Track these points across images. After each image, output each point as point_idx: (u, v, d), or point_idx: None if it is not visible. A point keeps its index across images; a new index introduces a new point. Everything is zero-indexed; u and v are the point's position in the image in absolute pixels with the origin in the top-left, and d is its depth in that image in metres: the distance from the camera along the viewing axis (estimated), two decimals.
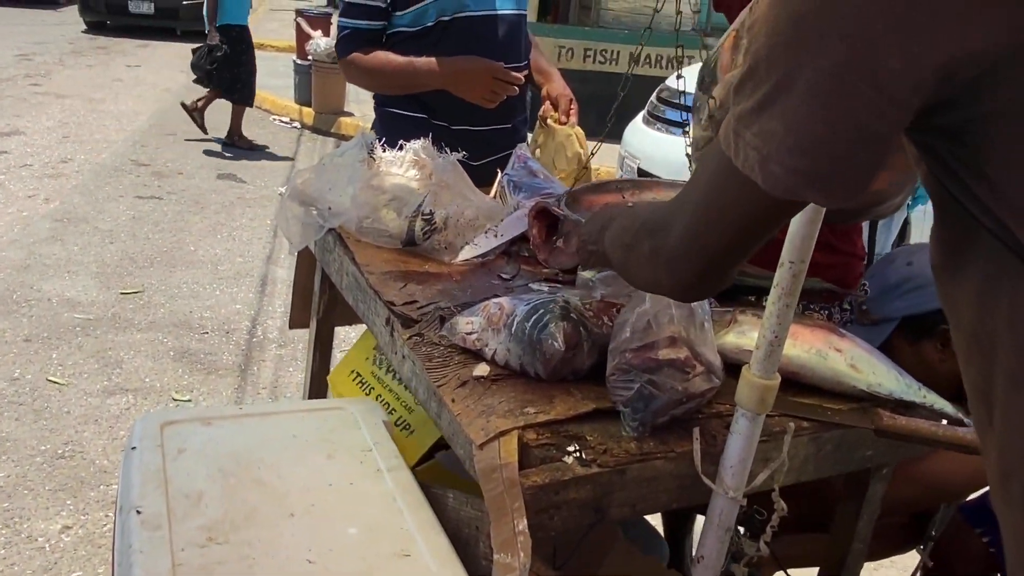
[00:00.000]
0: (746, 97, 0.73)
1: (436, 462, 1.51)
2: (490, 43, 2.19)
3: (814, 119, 0.68)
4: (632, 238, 0.95)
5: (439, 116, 2.21)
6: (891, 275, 1.54)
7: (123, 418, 3.16)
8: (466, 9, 2.16)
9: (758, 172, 0.72)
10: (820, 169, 0.70)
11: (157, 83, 9.43)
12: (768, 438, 1.18)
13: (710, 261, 0.85)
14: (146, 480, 1.26)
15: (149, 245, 4.89)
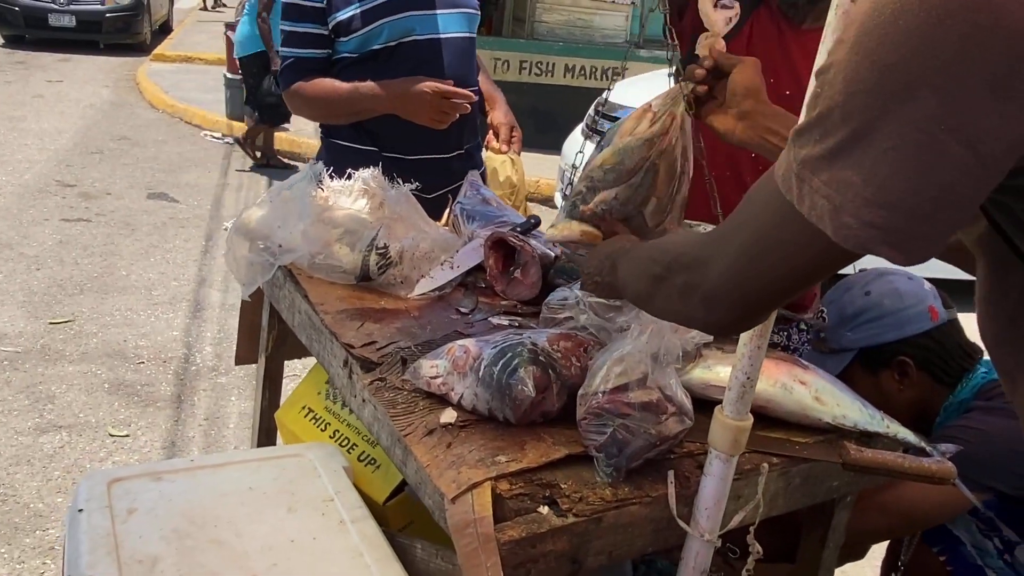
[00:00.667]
0: (814, 142, 0.69)
1: (406, 496, 1.47)
2: (438, 67, 2.14)
3: (896, 173, 0.65)
4: (663, 270, 0.92)
5: (389, 147, 2.16)
6: (848, 305, 1.55)
7: (57, 457, 3.02)
8: (412, 33, 2.12)
9: (828, 222, 0.68)
10: (898, 225, 0.66)
11: (81, 99, 9.11)
12: (739, 476, 1.18)
13: (751, 302, 0.82)
14: (95, 545, 1.19)
15: (78, 271, 4.71)
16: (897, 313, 1.53)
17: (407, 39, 2.11)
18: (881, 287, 1.56)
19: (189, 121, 8.64)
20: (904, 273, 1.59)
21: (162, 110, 9.02)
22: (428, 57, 2.14)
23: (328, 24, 2.08)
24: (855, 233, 0.67)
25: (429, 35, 2.13)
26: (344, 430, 1.68)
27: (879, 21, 0.64)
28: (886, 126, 0.64)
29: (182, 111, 8.81)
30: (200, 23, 14.37)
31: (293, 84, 2.14)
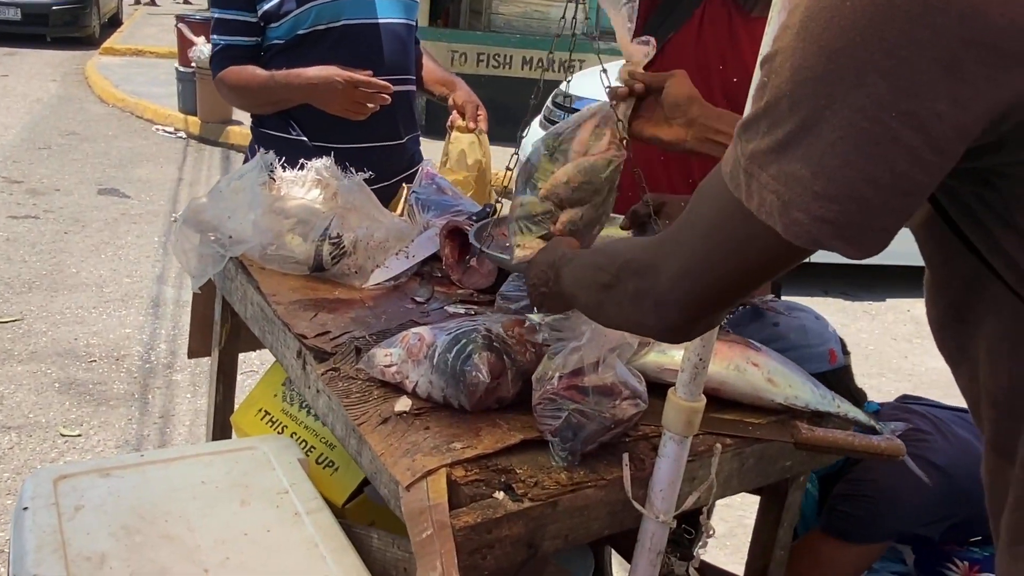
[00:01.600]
0: (761, 135, 0.66)
1: (365, 497, 1.45)
2: (371, 53, 2.09)
3: (846, 164, 0.62)
4: (611, 278, 0.88)
5: (318, 136, 2.10)
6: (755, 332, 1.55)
7: (7, 458, 2.95)
8: (342, 17, 2.06)
9: (778, 219, 0.65)
10: (850, 219, 0.63)
11: (27, 93, 8.88)
12: (694, 457, 1.19)
13: (705, 304, 0.79)
14: (41, 543, 1.15)
15: (26, 268, 4.59)
16: (799, 349, 1.53)
17: (336, 24, 2.06)
18: (790, 322, 1.57)
19: (140, 115, 8.47)
20: (812, 312, 1.61)
21: (112, 104, 8.82)
22: (361, 43, 2.09)
23: (256, 11, 2.04)
24: (806, 229, 0.64)
25: (362, 20, 2.08)
26: (301, 432, 1.66)
27: (825, 4, 0.62)
28: (834, 116, 0.61)
29: (133, 105, 8.63)
30: (151, 16, 14.10)
31: (221, 72, 2.10)
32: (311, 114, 2.06)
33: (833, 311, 5.07)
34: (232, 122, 7.95)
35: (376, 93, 1.98)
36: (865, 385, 1.70)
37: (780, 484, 1.44)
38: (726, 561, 2.73)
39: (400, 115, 2.19)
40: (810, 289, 5.32)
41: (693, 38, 1.78)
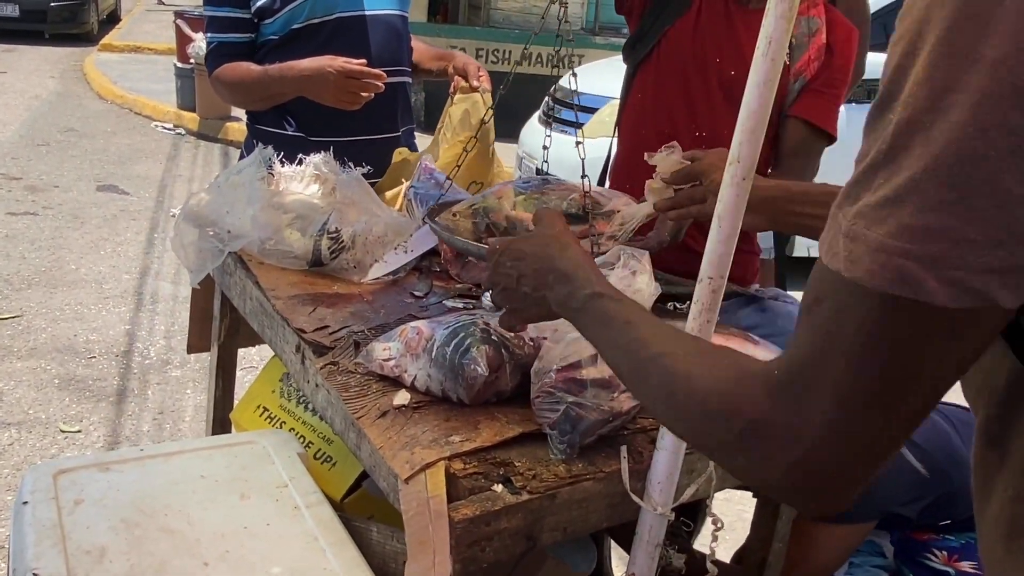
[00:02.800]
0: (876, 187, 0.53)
1: (363, 491, 1.45)
2: (364, 46, 2.09)
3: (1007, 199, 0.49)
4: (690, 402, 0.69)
5: (315, 131, 2.09)
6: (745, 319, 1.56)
7: (7, 455, 2.95)
8: (335, 10, 2.06)
9: (937, 289, 0.51)
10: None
11: (26, 90, 8.87)
12: (692, 450, 1.19)
13: (878, 446, 0.58)
14: (41, 537, 1.16)
15: (26, 265, 4.59)
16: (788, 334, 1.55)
17: (330, 17, 2.06)
18: (778, 307, 1.59)
19: (139, 112, 8.46)
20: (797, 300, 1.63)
21: (111, 101, 8.82)
22: (356, 36, 2.09)
23: (250, 7, 2.04)
24: (973, 287, 0.50)
25: (354, 12, 2.08)
26: (300, 428, 1.66)
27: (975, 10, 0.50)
28: (987, 144, 0.49)
29: (132, 102, 8.63)
30: (149, 12, 14.07)
31: (215, 70, 2.10)
32: (306, 108, 2.06)
33: None
34: (230, 118, 7.94)
35: (369, 82, 1.97)
36: None
37: None
38: (725, 555, 2.73)
39: (395, 107, 2.19)
40: None
41: (690, 30, 1.77)
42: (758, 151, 0.98)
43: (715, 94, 1.74)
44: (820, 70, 1.74)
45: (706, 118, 1.76)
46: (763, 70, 0.94)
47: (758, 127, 0.96)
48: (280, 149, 1.81)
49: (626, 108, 1.93)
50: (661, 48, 1.81)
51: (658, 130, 1.80)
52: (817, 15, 1.74)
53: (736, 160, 0.98)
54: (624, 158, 1.93)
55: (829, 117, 1.76)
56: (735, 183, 0.98)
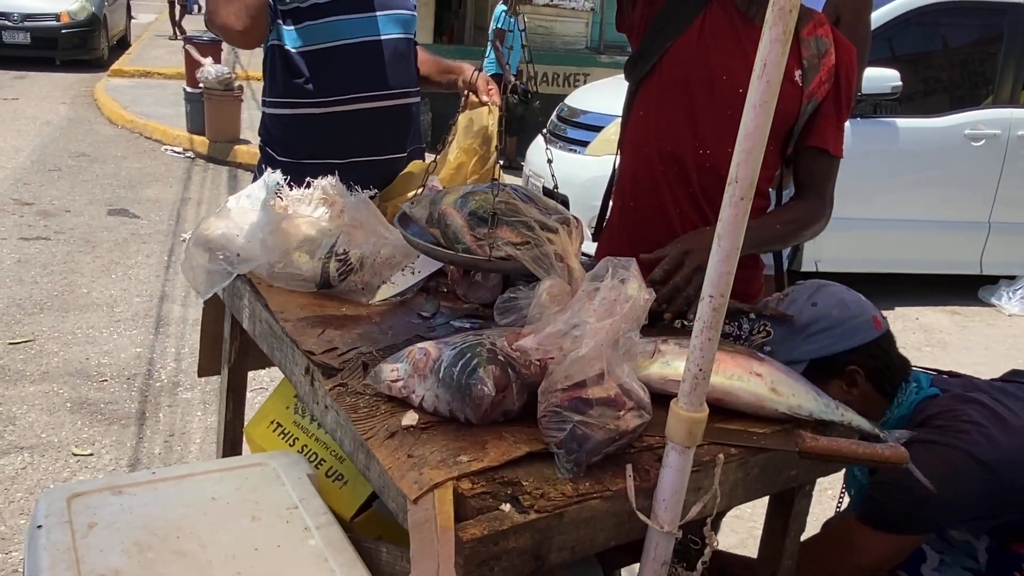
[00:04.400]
0: None
1: (374, 511, 1.47)
2: (374, 71, 2.12)
3: None
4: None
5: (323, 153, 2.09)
6: (796, 316, 1.58)
7: (20, 479, 2.97)
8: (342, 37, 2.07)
9: None
10: None
11: (37, 116, 8.98)
12: (699, 467, 1.19)
13: None
14: (55, 561, 1.17)
15: (38, 289, 4.63)
16: (845, 323, 1.56)
17: (337, 43, 2.07)
18: (827, 298, 1.59)
19: (149, 136, 8.55)
20: (839, 285, 1.63)
21: (121, 126, 8.92)
22: (364, 61, 2.11)
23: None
24: None
25: (364, 38, 2.10)
26: (312, 445, 1.68)
27: None
28: None
29: (142, 126, 8.72)
30: (157, 37, 14.24)
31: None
32: (315, 131, 2.08)
33: None
34: (239, 141, 8.02)
35: None
36: None
37: (786, 493, 1.45)
38: None
39: (403, 128, 2.21)
40: None
41: (693, 46, 1.75)
42: (757, 172, 0.99)
43: (721, 113, 1.72)
44: (829, 93, 1.75)
45: (711, 137, 1.74)
46: (759, 92, 0.96)
47: (755, 148, 0.98)
48: (288, 172, 1.83)
49: (628, 126, 1.93)
50: (663, 65, 1.80)
51: (660, 149, 1.80)
52: (824, 35, 1.74)
53: (735, 180, 0.99)
54: (627, 176, 1.94)
55: (840, 142, 1.79)
56: (733, 203, 0.99)
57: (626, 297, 1.19)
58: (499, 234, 1.43)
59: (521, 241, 1.41)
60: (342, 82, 2.07)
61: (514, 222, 1.44)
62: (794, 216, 1.80)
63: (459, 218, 1.49)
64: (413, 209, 1.60)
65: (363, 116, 2.11)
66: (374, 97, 2.12)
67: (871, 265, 5.60)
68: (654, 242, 1.69)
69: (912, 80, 5.48)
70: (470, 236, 1.46)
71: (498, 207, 1.45)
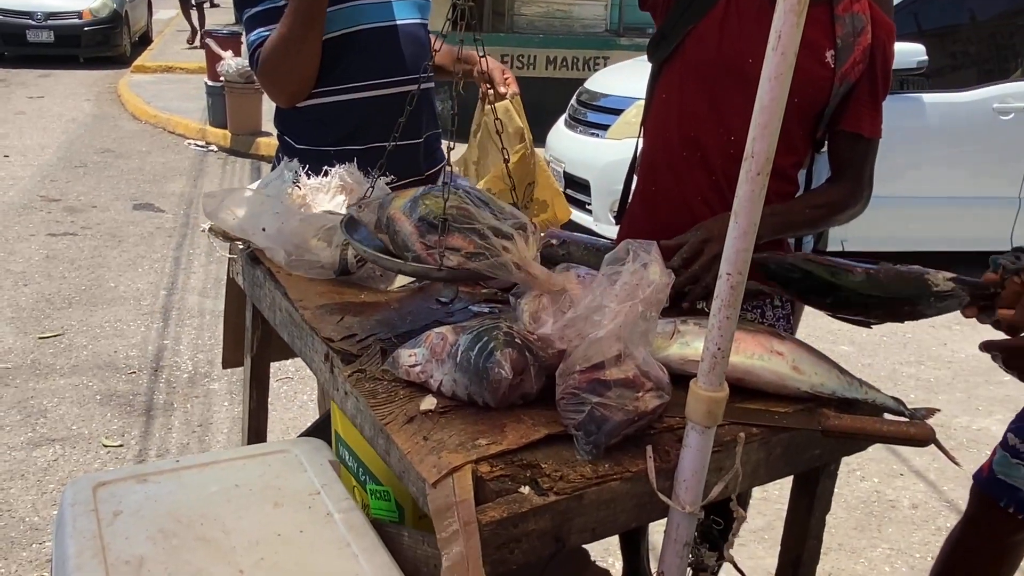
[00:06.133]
0: None
1: None
2: (391, 57, 2.10)
3: None
4: None
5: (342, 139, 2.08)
6: None
7: (51, 470, 3.02)
8: (361, 21, 2.06)
9: None
10: None
11: (63, 113, 9.09)
12: (720, 448, 1.18)
13: None
14: (81, 549, 1.19)
15: (66, 284, 4.70)
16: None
17: (356, 28, 2.05)
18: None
19: (172, 131, 8.62)
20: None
21: (145, 121, 9.00)
22: (381, 47, 2.09)
23: None
24: None
25: (380, 23, 2.08)
26: None
27: None
28: None
29: (165, 121, 8.79)
30: (179, 32, 14.30)
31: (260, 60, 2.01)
32: (334, 116, 2.08)
33: None
34: (261, 133, 8.06)
35: None
36: (904, 373, 1.69)
37: (811, 473, 1.43)
38: (764, 554, 2.71)
39: (419, 114, 2.20)
40: None
41: (717, 28, 1.70)
42: (773, 147, 0.98)
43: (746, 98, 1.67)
44: (864, 74, 1.68)
45: (734, 121, 1.68)
46: (774, 64, 0.94)
47: (771, 122, 0.96)
48: (305, 160, 1.83)
49: (651, 109, 1.89)
50: (686, 47, 1.75)
51: (682, 133, 1.76)
52: (861, 11, 1.67)
53: (751, 156, 0.98)
54: (648, 160, 1.91)
55: (877, 123, 1.73)
56: (750, 179, 0.98)
57: (648, 282, 1.18)
58: (451, 242, 1.32)
59: (474, 251, 1.30)
60: (362, 68, 2.06)
61: (466, 229, 1.33)
62: (825, 200, 1.76)
63: (408, 224, 1.38)
64: (361, 213, 1.49)
65: (382, 102, 2.11)
66: (393, 83, 2.10)
67: (899, 243, 5.52)
68: (675, 227, 1.66)
69: (938, 54, 5.38)
70: (420, 244, 1.35)
71: (449, 212, 1.34)
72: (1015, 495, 1.69)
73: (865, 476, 3.31)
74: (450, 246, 1.31)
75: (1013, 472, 1.69)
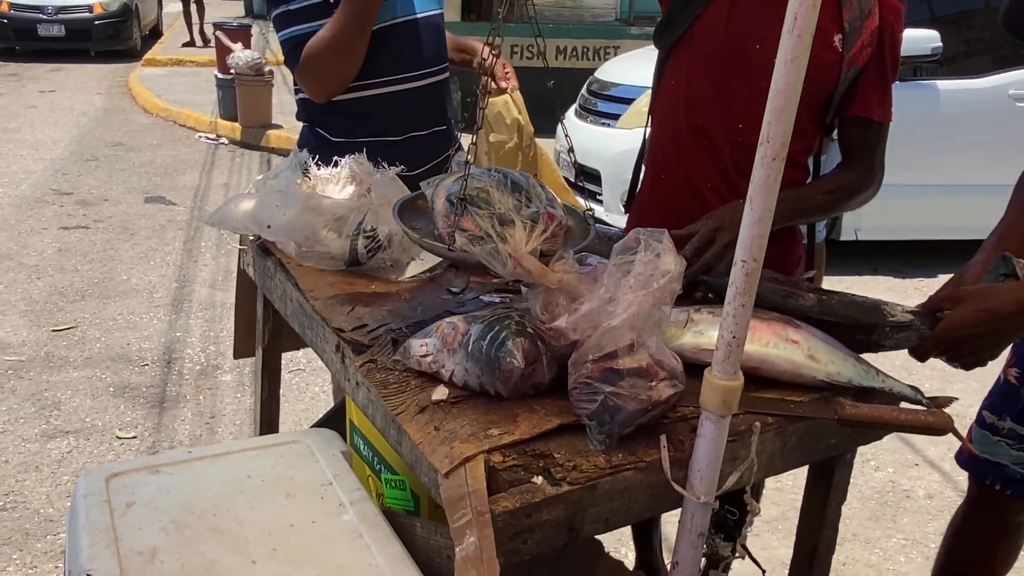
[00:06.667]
0: None
1: None
2: (416, 49, 2.12)
3: None
4: None
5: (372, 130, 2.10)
6: None
7: (65, 462, 3.04)
8: (395, 16, 2.07)
9: None
10: None
11: (74, 107, 9.12)
12: (735, 437, 1.17)
13: None
14: (94, 540, 1.19)
15: (79, 277, 4.72)
16: None
17: (388, 23, 2.06)
18: None
19: (183, 124, 8.64)
20: None
21: (155, 114, 9.02)
22: (409, 38, 2.11)
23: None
24: None
25: (407, 17, 2.10)
26: None
27: None
28: None
29: (176, 114, 8.81)
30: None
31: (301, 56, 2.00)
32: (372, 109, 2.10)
33: (884, 289, 4.97)
34: (271, 126, 8.07)
35: None
36: (917, 364, 1.65)
37: (827, 462, 1.42)
38: (778, 544, 2.70)
39: (443, 102, 2.24)
40: (859, 267, 5.22)
41: (724, 15, 1.68)
42: (789, 131, 0.96)
43: (754, 84, 1.64)
44: (872, 57, 1.66)
45: (743, 109, 1.67)
46: (790, 47, 0.92)
47: (787, 106, 0.94)
48: (331, 151, 1.84)
49: (658, 95, 1.88)
50: (693, 32, 1.73)
51: (690, 121, 1.74)
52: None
53: (766, 140, 0.96)
54: (657, 148, 1.89)
55: (886, 107, 1.71)
56: (765, 164, 0.96)
57: (662, 271, 1.16)
58: (463, 223, 1.31)
59: (481, 234, 1.29)
60: (397, 61, 2.09)
61: (481, 213, 1.32)
62: (837, 186, 1.74)
63: (440, 202, 1.39)
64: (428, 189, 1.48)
65: (415, 93, 2.13)
66: (425, 74, 2.14)
67: (913, 232, 5.47)
68: (685, 216, 1.65)
69: (953, 41, 5.32)
70: (443, 222, 1.36)
71: (471, 193, 1.33)
72: (1000, 471, 1.69)
73: (880, 466, 3.29)
74: (461, 227, 1.30)
75: (995, 449, 1.69)
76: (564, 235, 1.39)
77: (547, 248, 1.29)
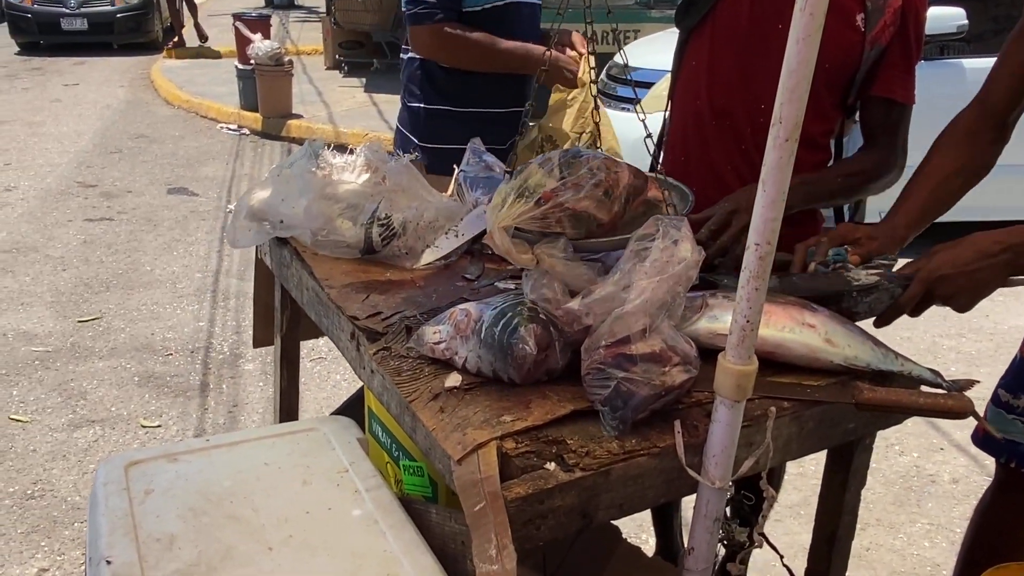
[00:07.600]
0: None
1: None
2: (524, 29, 2.30)
3: None
4: None
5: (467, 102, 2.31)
6: None
7: (92, 451, 3.08)
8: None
9: None
10: None
11: (97, 100, 9.20)
12: (750, 422, 1.16)
13: None
14: (114, 527, 1.20)
15: (103, 269, 4.77)
16: None
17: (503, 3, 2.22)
18: None
19: (205, 115, 8.69)
20: None
21: (178, 106, 9.08)
22: (523, 20, 2.30)
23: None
24: None
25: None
26: None
27: None
28: None
29: (197, 105, 8.87)
30: (210, 17, 14.36)
31: (443, 21, 2.18)
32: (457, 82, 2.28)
33: None
34: (292, 116, 8.10)
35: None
36: (945, 346, 1.65)
37: (845, 447, 1.40)
38: (800, 530, 2.68)
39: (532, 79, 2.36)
40: None
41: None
42: (802, 111, 0.94)
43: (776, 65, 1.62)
44: (895, 37, 1.63)
45: (766, 90, 1.63)
46: (802, 25, 0.91)
47: (800, 86, 0.93)
48: (431, 122, 2.12)
49: (679, 78, 1.86)
50: (716, 12, 1.70)
51: (712, 102, 1.73)
52: None
53: (779, 121, 0.95)
54: (677, 130, 1.87)
55: (909, 88, 1.68)
56: (778, 145, 0.94)
57: (679, 258, 1.15)
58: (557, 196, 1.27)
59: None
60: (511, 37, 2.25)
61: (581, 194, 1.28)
62: (858, 168, 1.72)
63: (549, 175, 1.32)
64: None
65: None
66: None
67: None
68: (704, 199, 1.63)
69: (979, 18, 5.21)
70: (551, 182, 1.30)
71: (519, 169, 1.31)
72: (1016, 449, 1.67)
73: (904, 451, 3.25)
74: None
75: (1011, 428, 1.66)
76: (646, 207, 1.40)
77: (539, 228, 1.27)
